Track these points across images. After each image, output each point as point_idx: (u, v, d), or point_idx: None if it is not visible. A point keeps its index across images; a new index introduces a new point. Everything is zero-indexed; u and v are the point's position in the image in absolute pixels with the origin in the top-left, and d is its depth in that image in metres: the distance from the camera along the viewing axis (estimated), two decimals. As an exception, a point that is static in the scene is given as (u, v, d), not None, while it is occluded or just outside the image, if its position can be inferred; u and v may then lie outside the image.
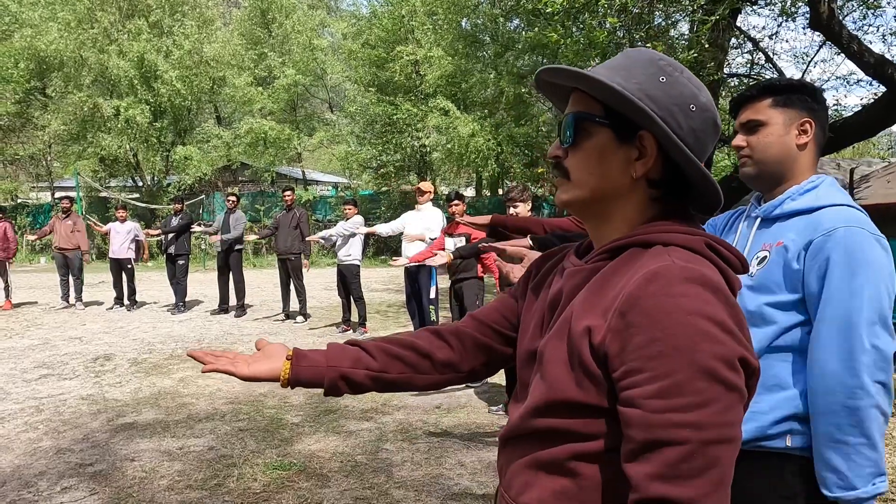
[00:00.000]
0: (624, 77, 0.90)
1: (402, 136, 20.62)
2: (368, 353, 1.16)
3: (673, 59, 0.95)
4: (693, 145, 0.90)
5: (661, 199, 0.94)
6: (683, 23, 9.05)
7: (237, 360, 1.12)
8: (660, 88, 0.90)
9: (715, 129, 0.93)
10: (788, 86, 1.63)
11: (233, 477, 3.75)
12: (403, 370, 1.16)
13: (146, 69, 21.82)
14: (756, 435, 1.53)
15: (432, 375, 1.18)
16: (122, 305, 10.61)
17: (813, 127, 1.61)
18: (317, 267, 17.99)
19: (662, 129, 0.88)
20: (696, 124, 0.91)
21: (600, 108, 0.92)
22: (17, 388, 5.79)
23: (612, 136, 0.92)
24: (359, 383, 1.15)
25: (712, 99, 0.94)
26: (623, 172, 0.92)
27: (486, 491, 3.56)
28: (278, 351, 1.15)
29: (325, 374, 1.13)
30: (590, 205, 0.96)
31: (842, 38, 7.13)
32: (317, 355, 1.15)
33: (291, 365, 1.12)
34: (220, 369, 1.10)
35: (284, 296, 9.42)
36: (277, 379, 1.12)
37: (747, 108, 1.66)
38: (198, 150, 22.93)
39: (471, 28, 20.34)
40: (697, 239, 0.88)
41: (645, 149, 0.91)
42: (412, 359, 1.17)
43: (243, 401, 5.30)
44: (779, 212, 1.61)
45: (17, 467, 3.93)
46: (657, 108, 0.88)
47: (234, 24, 27.02)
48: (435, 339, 1.19)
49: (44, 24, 21.17)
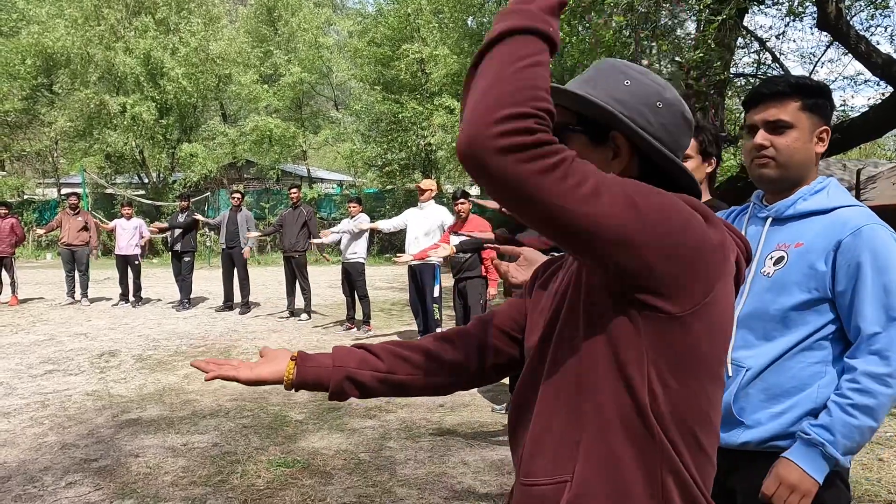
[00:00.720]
0: (592, 86, 0.98)
1: (407, 135, 20.62)
2: (375, 355, 1.17)
3: (637, 65, 1.02)
4: (665, 140, 0.97)
5: None
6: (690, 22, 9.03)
7: (240, 365, 1.14)
8: (625, 91, 0.97)
9: (686, 123, 0.99)
10: (819, 89, 1.56)
11: (237, 474, 3.76)
12: (411, 371, 1.17)
13: (152, 66, 21.88)
14: (773, 434, 1.53)
15: (440, 377, 1.18)
16: (127, 302, 10.65)
17: (828, 136, 1.59)
18: (321, 264, 18.02)
19: (628, 126, 0.94)
20: (665, 119, 0.97)
21: (573, 117, 0.99)
22: (23, 383, 5.82)
23: (587, 140, 0.99)
24: (365, 384, 1.15)
25: (678, 96, 1.00)
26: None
27: (489, 490, 3.56)
28: (281, 354, 1.16)
29: (331, 376, 1.13)
30: None
31: (849, 38, 7.10)
32: (322, 357, 1.16)
33: (296, 366, 1.13)
34: (222, 375, 1.11)
35: (289, 293, 9.44)
36: (281, 381, 1.12)
37: (774, 105, 1.57)
38: (203, 147, 23.00)
39: (476, 26, 20.31)
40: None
41: (619, 148, 0.98)
42: (419, 360, 1.17)
43: (248, 398, 5.31)
44: (792, 212, 1.59)
45: (23, 462, 3.95)
46: (625, 110, 0.95)
47: (240, 21, 27.07)
48: (442, 342, 1.20)
49: (51, 21, 21.26)
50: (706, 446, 0.92)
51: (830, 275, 1.50)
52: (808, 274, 1.51)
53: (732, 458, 1.58)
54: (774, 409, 1.53)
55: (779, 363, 1.54)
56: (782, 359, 1.53)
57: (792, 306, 1.53)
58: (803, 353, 1.53)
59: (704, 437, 0.92)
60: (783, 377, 1.53)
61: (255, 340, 7.75)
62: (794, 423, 1.51)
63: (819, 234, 1.52)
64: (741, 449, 1.58)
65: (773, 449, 1.54)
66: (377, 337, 8.00)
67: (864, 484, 3.58)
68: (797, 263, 1.53)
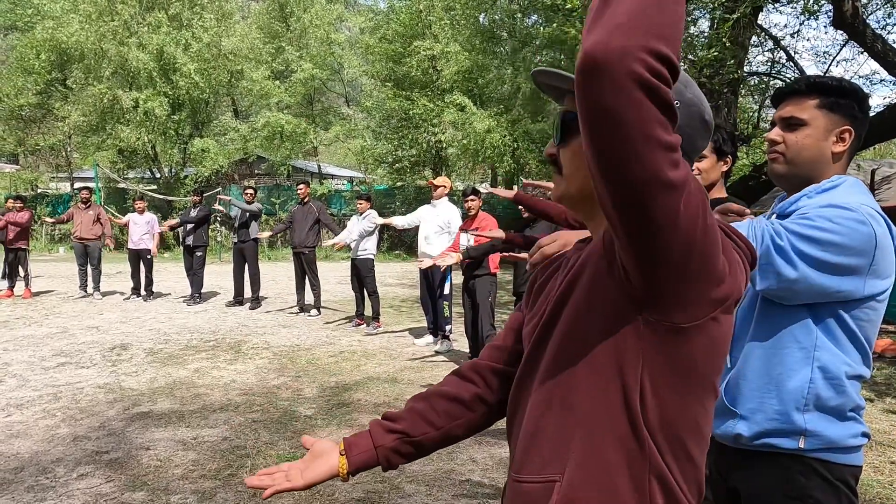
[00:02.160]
0: None
1: (417, 132, 20.62)
2: (406, 422, 1.19)
3: None
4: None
5: None
6: (704, 20, 8.97)
7: (290, 472, 1.15)
8: None
9: (704, 125, 0.95)
10: (839, 89, 1.56)
11: (246, 467, 3.78)
12: (441, 425, 1.19)
13: (165, 62, 22.00)
14: (766, 429, 1.53)
15: (467, 416, 1.20)
16: (139, 296, 10.73)
17: (852, 136, 1.57)
18: (331, 261, 18.07)
19: None
20: (682, 120, 0.91)
21: None
22: (36, 375, 5.88)
23: None
24: (404, 453, 1.19)
25: (701, 95, 0.95)
26: None
27: (497, 487, 3.57)
28: (326, 448, 1.18)
29: (377, 456, 1.17)
30: (580, 200, 1.00)
31: (865, 37, 7.03)
32: (364, 441, 1.18)
33: (347, 459, 1.16)
34: (279, 489, 1.13)
35: (299, 289, 9.47)
36: (336, 476, 1.16)
37: (791, 103, 1.60)
38: (215, 142, 23.12)
39: (488, 23, 20.29)
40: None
41: None
42: (444, 410, 1.20)
43: (257, 392, 5.34)
44: (794, 208, 1.59)
45: (35, 453, 3.99)
46: None
47: (252, 17, 27.19)
48: (458, 381, 1.22)
49: (65, 16, 21.42)
50: (694, 455, 0.92)
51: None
52: None
53: (731, 456, 1.60)
54: (767, 400, 1.53)
55: (768, 352, 1.55)
56: (771, 347, 1.54)
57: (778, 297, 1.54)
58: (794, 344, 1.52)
59: (693, 446, 0.92)
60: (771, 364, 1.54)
61: (264, 335, 7.79)
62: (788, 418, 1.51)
63: None
64: (736, 446, 1.59)
65: (768, 448, 1.54)
66: (386, 334, 8.02)
67: (874, 487, 3.55)
68: None
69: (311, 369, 6.14)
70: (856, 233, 1.43)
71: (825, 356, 1.50)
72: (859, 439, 1.52)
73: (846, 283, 1.45)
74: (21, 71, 22.92)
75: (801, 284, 1.44)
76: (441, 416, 1.19)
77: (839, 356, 1.50)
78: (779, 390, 1.52)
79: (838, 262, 1.43)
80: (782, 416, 1.51)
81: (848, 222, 1.43)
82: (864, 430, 1.54)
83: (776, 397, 1.52)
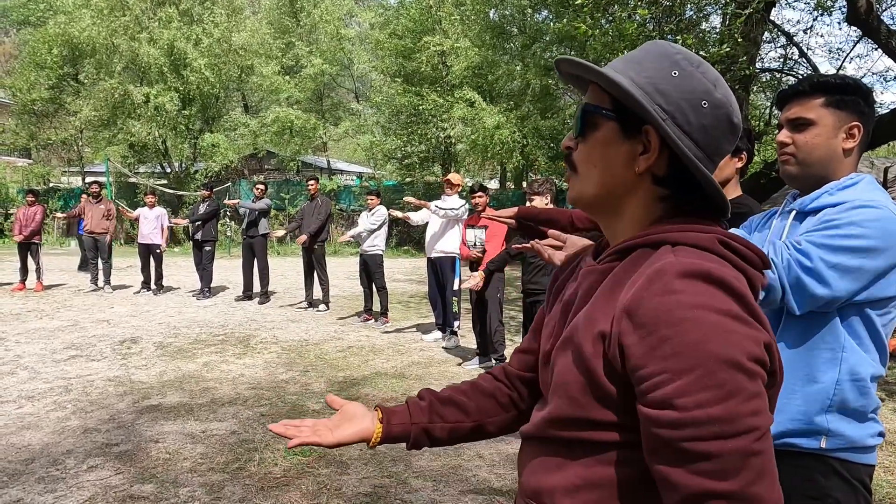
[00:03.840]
0: (636, 71, 0.89)
1: (427, 127, 20.61)
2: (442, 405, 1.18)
3: (692, 54, 0.91)
4: (703, 142, 0.89)
5: (670, 198, 0.92)
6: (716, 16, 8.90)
7: (318, 427, 1.13)
8: (671, 83, 0.88)
9: (731, 127, 0.90)
10: (843, 86, 1.56)
11: (254, 461, 3.80)
12: (476, 419, 1.18)
13: (176, 57, 22.10)
14: (789, 429, 1.51)
15: (500, 416, 1.18)
16: (149, 289, 10.79)
17: (861, 131, 1.57)
18: (340, 256, 18.10)
19: (661, 125, 0.86)
20: (708, 121, 0.88)
21: (610, 100, 0.91)
22: (47, 367, 5.93)
23: (618, 129, 0.91)
24: (436, 436, 1.17)
25: (731, 95, 0.91)
26: (626, 167, 0.91)
27: (503, 483, 3.57)
28: (358, 412, 1.15)
29: (412, 432, 1.16)
30: (596, 201, 0.95)
31: (879, 34, 6.96)
32: (402, 414, 1.17)
33: (384, 427, 1.14)
34: (306, 442, 1.11)
35: (307, 284, 9.50)
36: (365, 440, 1.14)
37: (797, 104, 1.59)
38: (225, 137, 23.22)
39: (498, 19, 20.22)
40: (709, 237, 0.85)
41: (649, 143, 0.89)
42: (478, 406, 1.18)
43: (265, 386, 5.36)
44: (814, 205, 1.57)
45: (46, 445, 4.03)
46: (665, 103, 0.87)
47: (262, 12, 27.25)
48: (493, 381, 1.20)
49: (77, 11, 21.55)
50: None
51: None
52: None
53: None
54: (790, 402, 1.51)
55: (795, 352, 1.52)
56: (799, 348, 1.52)
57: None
58: (820, 345, 1.51)
59: None
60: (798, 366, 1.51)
61: (273, 330, 7.82)
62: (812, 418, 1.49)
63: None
64: None
65: (789, 447, 1.52)
66: (394, 332, 8.03)
67: (884, 487, 3.53)
68: None
69: (319, 364, 6.16)
70: (886, 232, 1.42)
71: (852, 357, 1.48)
72: (877, 439, 1.51)
73: (882, 284, 1.44)
74: (33, 66, 23.10)
75: (839, 298, 1.43)
76: (477, 410, 1.17)
77: (864, 357, 1.49)
78: (804, 392, 1.50)
79: (874, 266, 1.42)
80: (805, 416, 1.50)
81: (877, 223, 1.42)
82: (880, 430, 1.53)
83: (801, 398, 1.51)
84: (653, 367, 0.77)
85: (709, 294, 0.77)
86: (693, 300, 0.76)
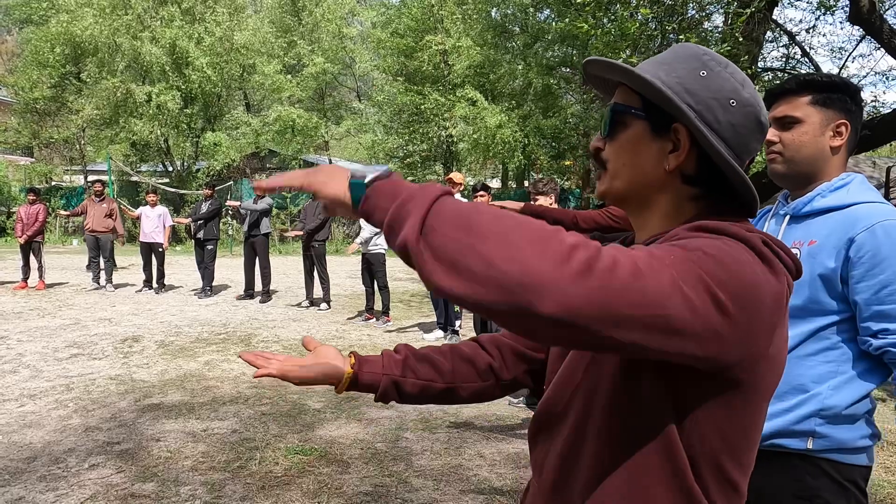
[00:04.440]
0: (666, 71, 0.91)
1: (428, 126, 20.60)
2: (417, 362, 1.16)
3: (720, 56, 0.93)
4: (732, 140, 0.90)
5: (701, 198, 0.93)
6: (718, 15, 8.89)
7: (286, 364, 1.11)
8: (699, 82, 0.90)
9: (759, 126, 0.92)
10: (830, 84, 1.57)
11: (255, 460, 3.81)
12: (450, 380, 1.16)
13: (178, 56, 22.10)
14: (777, 430, 1.52)
15: (476, 383, 1.17)
16: (150, 288, 10.80)
17: (848, 129, 1.57)
18: (342, 255, 18.11)
19: (691, 121, 0.87)
20: (736, 119, 0.90)
21: (639, 100, 0.93)
22: (49, 366, 5.94)
23: (648, 127, 0.92)
24: (406, 391, 1.15)
25: (758, 95, 0.92)
26: (657, 165, 0.92)
27: (504, 483, 3.57)
28: (330, 355, 1.14)
29: (382, 383, 1.14)
30: (625, 197, 0.97)
31: (882, 33, 6.94)
32: (375, 363, 1.15)
33: (354, 372, 1.13)
34: (271, 373, 1.09)
35: (308, 283, 9.50)
36: (333, 383, 1.12)
37: (784, 102, 1.60)
38: (227, 136, 23.20)
39: (500, 18, 20.20)
40: (754, 235, 0.84)
41: (679, 141, 0.90)
42: (455, 368, 1.17)
43: (266, 385, 5.37)
44: (809, 209, 1.58)
45: (48, 443, 4.04)
46: (694, 102, 0.89)
47: (264, 11, 27.23)
48: (476, 347, 1.20)
49: (79, 10, 21.55)
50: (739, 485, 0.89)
51: (840, 273, 1.48)
52: (819, 273, 1.50)
53: None
54: (781, 406, 1.52)
55: (793, 361, 1.52)
56: (791, 355, 1.52)
57: (801, 304, 1.52)
58: (814, 353, 1.51)
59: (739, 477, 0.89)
60: (791, 374, 1.51)
61: (274, 329, 7.83)
62: (800, 422, 1.50)
63: (832, 231, 1.51)
64: None
65: (777, 448, 1.53)
66: (396, 331, 8.03)
67: (885, 487, 3.52)
68: (808, 262, 1.52)
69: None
70: None
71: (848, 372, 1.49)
72: (868, 440, 1.51)
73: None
74: (36, 64, 23.12)
75: None
76: (451, 372, 1.16)
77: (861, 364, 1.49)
78: (798, 399, 1.51)
79: None
80: (794, 418, 1.51)
81: None
82: (873, 432, 1.53)
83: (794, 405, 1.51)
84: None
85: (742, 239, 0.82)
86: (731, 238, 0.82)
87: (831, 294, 1.49)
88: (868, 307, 1.46)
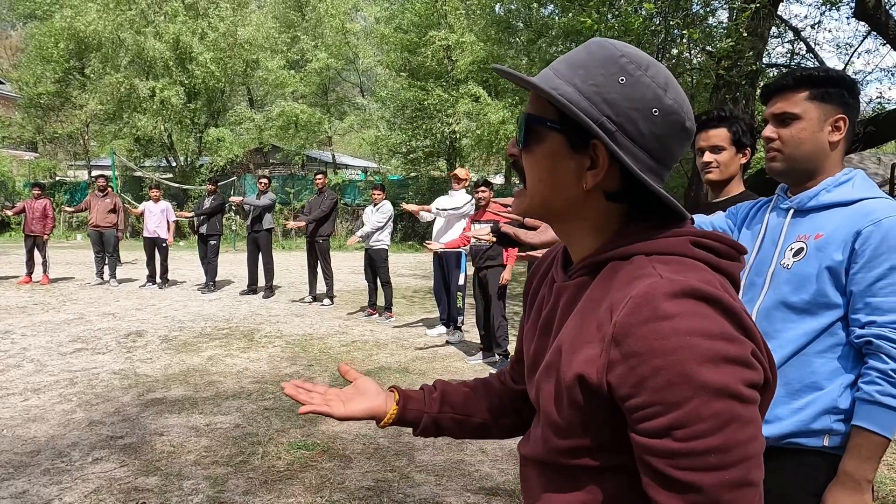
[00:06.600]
0: (582, 78, 0.83)
1: (432, 122, 20.59)
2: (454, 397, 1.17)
3: (639, 54, 0.84)
4: (656, 152, 0.83)
5: (627, 213, 0.86)
6: (722, 10, 8.84)
7: (330, 397, 1.10)
8: (619, 91, 0.81)
9: (685, 132, 0.85)
10: (827, 79, 1.55)
11: (258, 455, 3.82)
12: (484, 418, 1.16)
13: (181, 51, 22.11)
14: (793, 430, 1.51)
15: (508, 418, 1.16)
16: (154, 283, 10.83)
17: (846, 124, 1.56)
18: (345, 250, 18.12)
19: (607, 142, 0.81)
20: (660, 129, 0.82)
21: (555, 112, 0.84)
22: (53, 360, 5.96)
23: (565, 142, 0.84)
24: (444, 427, 1.15)
25: (683, 97, 0.85)
26: (576, 182, 0.85)
27: (506, 478, 3.57)
28: (372, 389, 1.13)
29: (423, 420, 1.14)
30: (545, 215, 0.90)
31: (888, 29, 6.91)
32: (418, 400, 1.15)
33: (399, 410, 1.12)
34: (317, 411, 1.08)
35: (311, 278, 9.51)
36: (376, 419, 1.11)
37: (781, 99, 1.59)
38: (230, 131, 23.24)
39: (504, 13, 20.12)
40: (681, 240, 0.81)
41: (597, 158, 0.83)
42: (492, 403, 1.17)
43: (269, 380, 5.38)
44: (814, 203, 1.57)
45: (52, 437, 4.06)
46: (614, 115, 0.81)
47: (268, 7, 27.22)
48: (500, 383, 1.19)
49: (83, 5, 21.56)
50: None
51: (845, 265, 1.47)
52: (827, 266, 1.49)
53: None
54: (794, 405, 1.51)
55: (798, 357, 1.52)
56: (802, 353, 1.51)
57: (810, 299, 1.51)
58: (825, 349, 1.50)
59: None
60: (803, 372, 1.51)
61: (277, 324, 7.84)
62: (815, 420, 1.49)
63: (839, 225, 1.50)
64: None
65: (792, 445, 1.52)
66: (399, 326, 8.04)
67: (888, 484, 3.52)
68: (816, 255, 1.51)
69: (323, 358, 6.17)
70: None
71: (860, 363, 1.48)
72: None
73: None
74: (40, 59, 23.15)
75: None
76: (487, 408, 1.16)
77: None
78: (810, 398, 1.51)
79: None
80: (809, 418, 1.50)
81: None
82: None
83: (805, 403, 1.51)
84: (645, 398, 0.73)
85: (700, 316, 0.73)
86: (684, 326, 0.72)
87: (838, 288, 1.49)
88: (860, 298, 1.45)
